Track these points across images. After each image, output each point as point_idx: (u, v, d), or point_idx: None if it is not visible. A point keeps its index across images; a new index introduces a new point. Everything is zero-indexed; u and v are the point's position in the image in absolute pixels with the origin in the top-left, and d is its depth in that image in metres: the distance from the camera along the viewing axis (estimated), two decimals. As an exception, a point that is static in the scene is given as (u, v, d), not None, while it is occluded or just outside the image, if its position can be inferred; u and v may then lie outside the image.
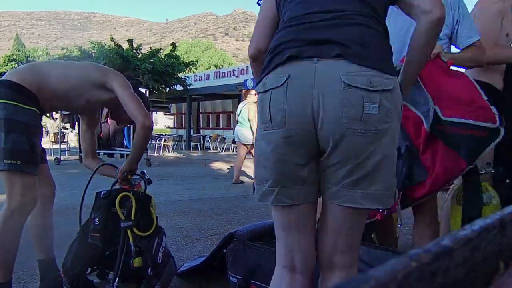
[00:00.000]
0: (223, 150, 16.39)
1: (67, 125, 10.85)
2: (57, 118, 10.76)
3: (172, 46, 17.82)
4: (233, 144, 14.71)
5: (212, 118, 22.11)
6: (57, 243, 2.01)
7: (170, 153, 14.48)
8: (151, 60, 16.19)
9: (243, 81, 14.24)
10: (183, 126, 21.32)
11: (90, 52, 15.73)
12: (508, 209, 0.40)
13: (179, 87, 17.38)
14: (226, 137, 16.74)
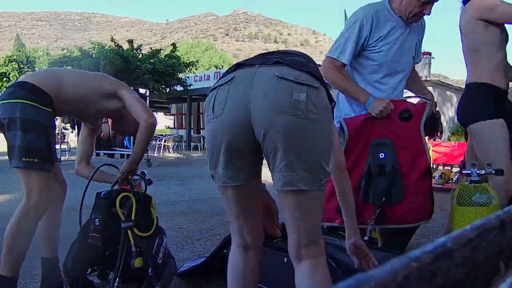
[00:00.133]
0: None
1: (67, 125, 10.85)
2: (57, 119, 10.77)
3: (172, 46, 17.83)
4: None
5: (212, 118, 22.09)
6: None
7: (170, 153, 14.49)
8: (152, 60, 16.20)
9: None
10: (183, 127, 21.30)
11: (91, 52, 15.72)
12: (508, 209, 0.40)
13: (179, 88, 17.39)
14: (226, 137, 16.67)
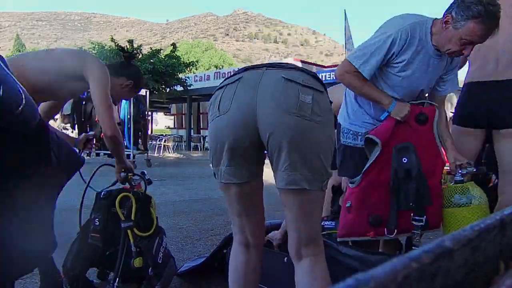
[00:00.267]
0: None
1: (67, 125, 10.84)
2: (57, 119, 10.76)
3: (172, 46, 17.83)
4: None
5: (212, 118, 22.08)
6: (57, 243, 2.00)
7: (170, 153, 14.49)
8: (152, 60, 16.20)
9: (243, 82, 14.20)
10: (183, 127, 21.30)
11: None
12: (508, 209, 0.40)
13: (179, 88, 17.38)
14: (227, 137, 16.68)
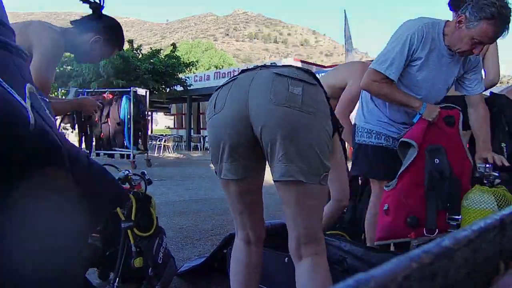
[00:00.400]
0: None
1: (67, 125, 10.83)
2: (57, 118, 10.74)
3: (172, 46, 17.84)
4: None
5: (212, 118, 22.07)
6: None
7: (170, 153, 14.49)
8: (152, 60, 16.21)
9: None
10: (183, 127, 21.31)
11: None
12: (508, 209, 0.40)
13: (179, 88, 17.39)
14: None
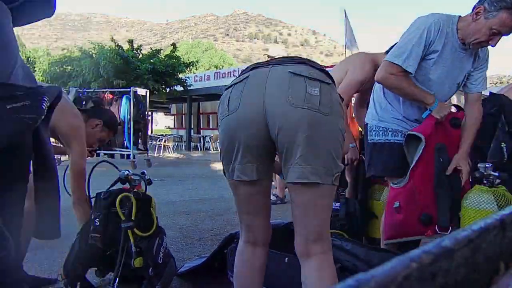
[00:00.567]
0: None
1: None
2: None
3: (172, 46, 17.83)
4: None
5: (212, 118, 22.08)
6: (56, 244, 2.00)
7: (170, 153, 14.49)
8: (152, 60, 16.21)
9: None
10: (184, 127, 21.30)
11: (91, 52, 15.75)
12: (508, 209, 0.40)
13: (179, 88, 17.38)
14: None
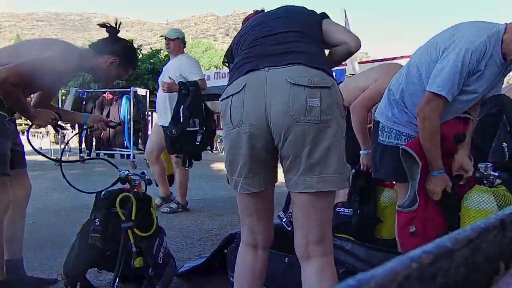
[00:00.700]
0: (223, 150, 16.34)
1: (67, 125, 10.83)
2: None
3: (172, 46, 17.82)
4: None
5: (212, 118, 22.08)
6: (56, 244, 2.01)
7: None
8: (152, 60, 16.23)
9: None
10: (184, 127, 21.26)
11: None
12: (508, 209, 0.40)
13: (179, 88, 17.38)
14: (227, 137, 16.67)
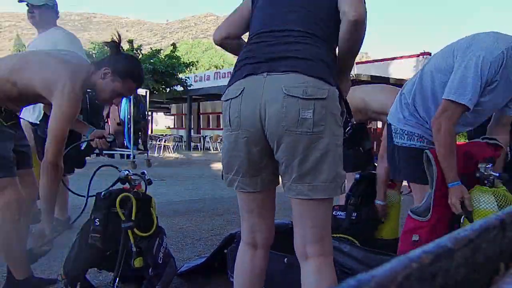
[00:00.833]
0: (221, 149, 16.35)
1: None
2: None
3: (172, 46, 17.86)
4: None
5: (212, 118, 22.10)
6: (56, 244, 2.00)
7: (170, 153, 14.48)
8: (152, 60, 16.23)
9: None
10: (184, 127, 21.28)
11: (91, 52, 15.75)
12: (508, 209, 0.40)
13: (179, 88, 17.40)
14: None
